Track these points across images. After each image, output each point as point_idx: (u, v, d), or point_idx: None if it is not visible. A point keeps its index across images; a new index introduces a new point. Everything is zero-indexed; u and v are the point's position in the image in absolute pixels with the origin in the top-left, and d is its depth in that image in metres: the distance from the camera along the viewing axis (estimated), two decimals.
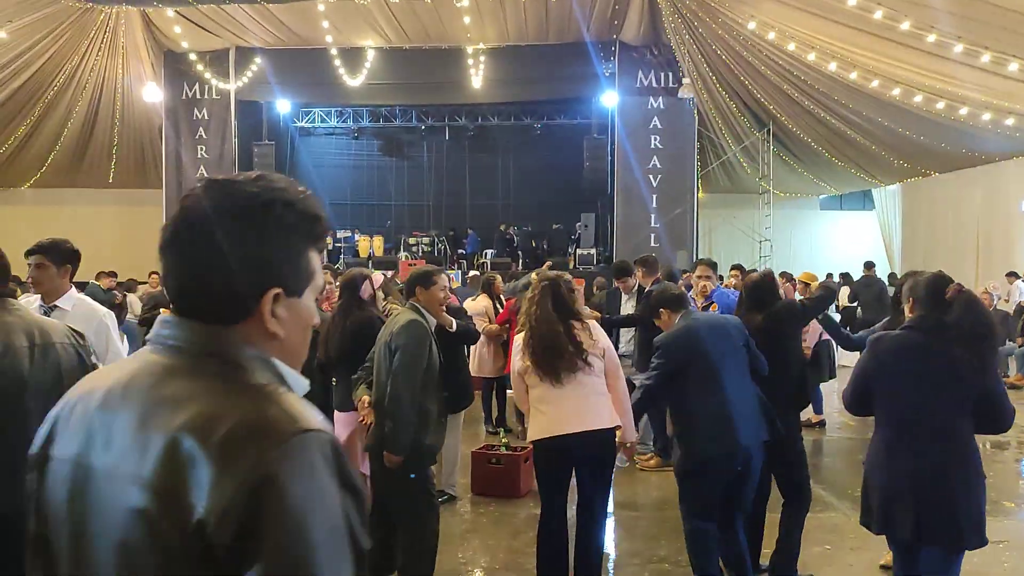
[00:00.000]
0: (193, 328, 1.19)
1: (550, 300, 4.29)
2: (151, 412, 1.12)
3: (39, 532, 1.24)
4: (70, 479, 1.18)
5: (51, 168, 21.30)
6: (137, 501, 1.07)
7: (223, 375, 1.15)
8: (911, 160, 18.04)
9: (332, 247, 20.93)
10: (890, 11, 11.41)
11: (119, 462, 1.12)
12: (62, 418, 1.25)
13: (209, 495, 1.02)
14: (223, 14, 17.18)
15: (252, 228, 1.19)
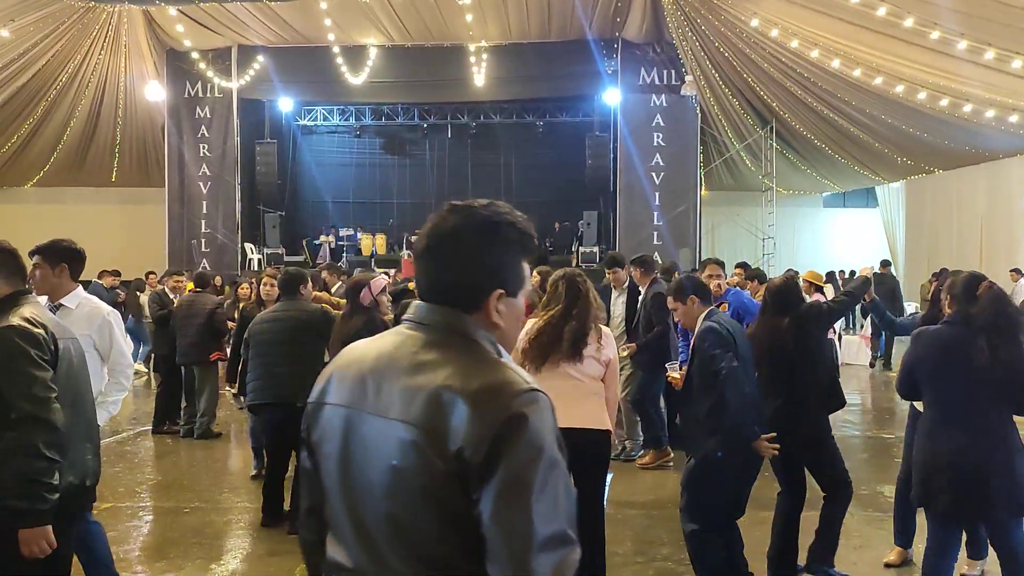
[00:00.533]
0: (442, 312, 1.59)
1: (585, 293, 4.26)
2: (414, 372, 1.53)
3: (311, 463, 1.69)
4: (344, 419, 1.61)
5: (54, 167, 21.32)
6: (407, 436, 1.48)
7: (465, 347, 1.56)
8: (915, 157, 18.00)
9: (335, 245, 20.95)
10: (893, 8, 11.38)
11: (388, 408, 1.53)
12: (336, 377, 1.68)
13: (466, 431, 1.43)
14: (225, 12, 17.17)
15: (486, 242, 1.59)
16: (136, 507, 6.33)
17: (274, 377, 5.57)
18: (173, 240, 19.75)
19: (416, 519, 1.48)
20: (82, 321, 3.95)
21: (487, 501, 1.41)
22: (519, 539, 1.40)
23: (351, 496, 1.57)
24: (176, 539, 5.60)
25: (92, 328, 3.98)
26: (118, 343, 4.08)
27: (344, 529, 1.59)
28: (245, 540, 5.59)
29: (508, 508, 1.40)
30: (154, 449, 8.33)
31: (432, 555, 1.46)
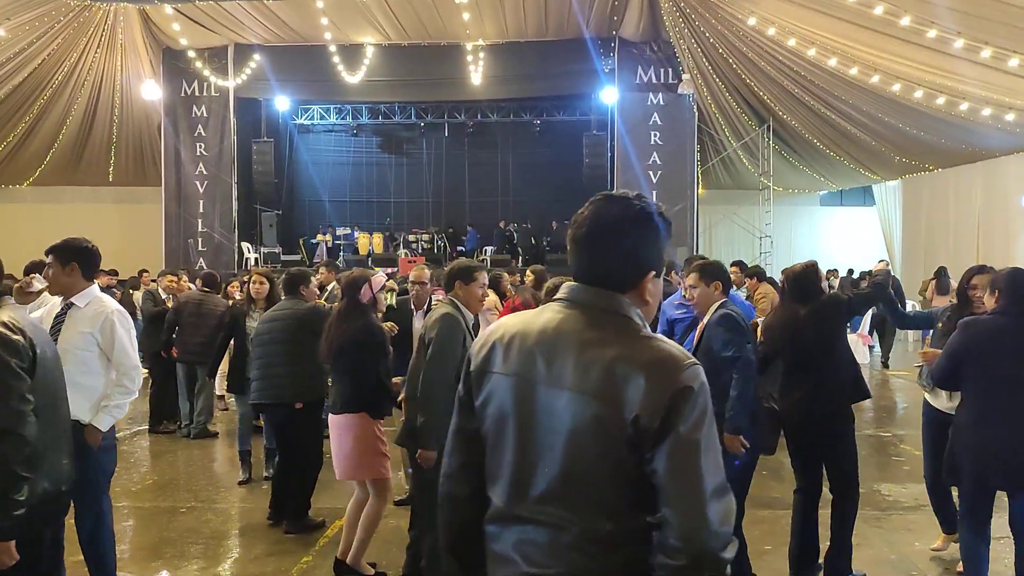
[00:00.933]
0: (599, 293, 1.80)
1: None
2: (584, 347, 1.73)
3: (471, 426, 1.92)
4: (513, 387, 1.81)
5: (50, 166, 21.28)
6: (585, 405, 1.69)
7: (624, 324, 1.77)
8: (911, 156, 18.01)
9: (332, 244, 20.94)
10: (890, 7, 11.38)
11: (560, 378, 1.73)
12: (499, 346, 1.87)
13: (641, 400, 1.63)
14: (221, 11, 17.14)
15: (642, 230, 1.81)
16: (132, 507, 6.32)
17: (273, 377, 5.60)
18: (170, 239, 19.72)
19: (591, 475, 1.69)
20: (87, 319, 3.95)
21: (661, 460, 1.63)
22: (693, 491, 1.63)
23: (526, 455, 1.77)
24: (173, 539, 5.59)
25: (95, 327, 3.94)
26: (121, 343, 3.98)
27: (516, 482, 1.79)
28: (242, 540, 5.58)
29: (682, 465, 1.64)
30: (150, 448, 8.32)
31: (604, 506, 1.69)
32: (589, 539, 1.69)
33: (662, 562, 1.63)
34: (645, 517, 1.67)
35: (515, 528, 1.78)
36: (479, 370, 1.91)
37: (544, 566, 1.73)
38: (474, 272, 4.41)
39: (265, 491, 6.45)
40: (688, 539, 1.61)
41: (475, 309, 4.44)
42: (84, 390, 3.85)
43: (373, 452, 4.73)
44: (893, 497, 6.54)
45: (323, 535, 5.56)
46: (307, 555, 5.21)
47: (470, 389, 1.94)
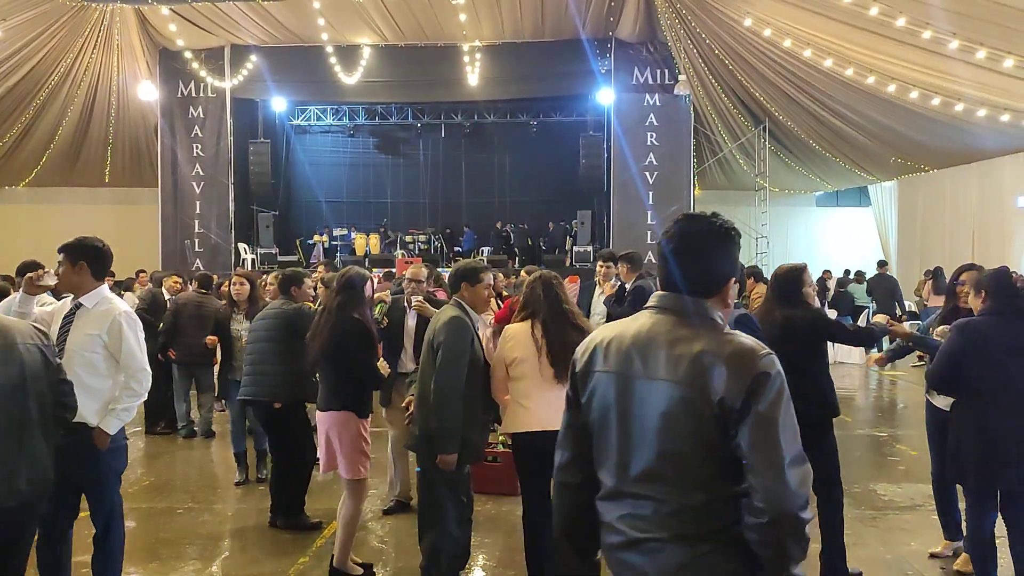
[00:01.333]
0: (687, 299, 2.12)
1: (555, 295, 4.30)
2: (673, 344, 2.06)
3: (579, 421, 2.24)
4: (614, 383, 2.14)
5: (46, 167, 21.24)
6: (677, 392, 2.01)
7: (709, 324, 2.10)
8: (907, 156, 18.05)
9: (328, 245, 20.93)
10: (885, 7, 11.41)
11: (655, 371, 2.06)
12: (599, 349, 2.20)
13: (726, 386, 1.95)
14: (218, 12, 17.13)
15: (727, 244, 2.16)
16: (129, 508, 6.31)
17: (258, 375, 5.69)
18: (167, 240, 19.70)
19: (684, 453, 2.00)
20: (94, 321, 3.93)
21: (744, 435, 1.94)
22: (773, 460, 1.92)
23: (628, 439, 2.10)
24: (169, 540, 5.59)
25: (103, 328, 3.91)
26: (129, 346, 3.93)
27: (620, 463, 2.11)
28: (238, 541, 5.59)
29: (763, 438, 1.93)
30: (146, 450, 8.31)
31: (697, 477, 2.00)
32: (685, 508, 2.01)
33: (750, 522, 1.94)
34: (732, 487, 1.98)
35: (622, 503, 2.11)
36: (583, 371, 2.24)
37: (648, 532, 2.05)
38: (480, 273, 4.44)
39: (262, 492, 6.46)
40: (770, 501, 1.91)
41: (481, 309, 4.47)
42: (91, 392, 3.82)
43: (355, 450, 4.74)
44: (889, 497, 6.57)
45: (320, 536, 5.57)
46: (304, 556, 5.22)
47: (576, 388, 2.26)
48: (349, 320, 4.73)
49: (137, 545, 5.50)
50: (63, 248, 3.99)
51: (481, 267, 4.53)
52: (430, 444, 4.21)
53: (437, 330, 4.26)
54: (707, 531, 1.99)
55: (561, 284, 4.43)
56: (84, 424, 3.78)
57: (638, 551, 2.06)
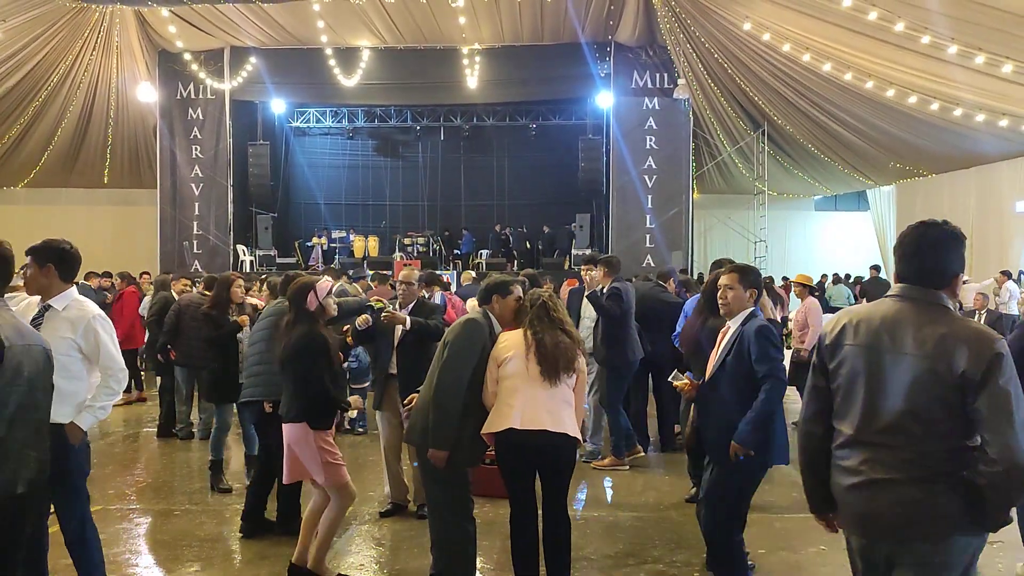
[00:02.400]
0: (924, 290, 2.67)
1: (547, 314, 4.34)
2: (919, 326, 2.61)
3: (823, 384, 2.83)
4: (863, 355, 2.70)
5: (45, 168, 21.23)
6: (925, 364, 2.55)
7: (943, 311, 2.64)
8: (906, 161, 18.07)
9: (327, 247, 20.93)
10: (884, 12, 11.42)
11: (903, 347, 2.61)
12: (849, 327, 2.77)
13: (967, 361, 2.49)
14: (217, 14, 17.14)
15: (956, 245, 2.72)
16: (126, 509, 6.30)
17: (254, 376, 5.71)
18: (165, 242, 19.70)
19: (927, 411, 2.55)
20: (67, 324, 3.90)
21: (983, 402, 2.47)
22: (1007, 423, 2.44)
23: (873, 399, 2.65)
24: (167, 541, 5.58)
25: (77, 332, 3.90)
26: (106, 346, 3.96)
27: (864, 417, 2.66)
28: (235, 543, 5.57)
29: (999, 405, 2.46)
30: (144, 451, 8.30)
31: (936, 431, 2.54)
32: (922, 454, 2.55)
33: (983, 469, 2.46)
34: (963, 440, 2.54)
35: (863, 450, 2.66)
36: (833, 344, 2.81)
37: (887, 474, 2.60)
38: (511, 286, 4.48)
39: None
40: (1003, 455, 2.43)
41: (507, 324, 4.46)
42: (66, 395, 3.78)
43: (319, 461, 4.64)
44: None
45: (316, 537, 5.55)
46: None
47: (823, 358, 2.84)
48: (298, 333, 4.67)
49: (134, 547, 5.49)
50: (30, 251, 3.93)
51: (512, 280, 4.56)
52: (424, 439, 4.23)
53: (451, 329, 4.31)
54: (938, 474, 2.53)
55: (552, 299, 4.45)
56: (55, 424, 3.69)
57: (876, 489, 2.61)
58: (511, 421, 4.16)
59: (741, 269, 4.44)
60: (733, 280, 4.35)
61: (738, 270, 4.41)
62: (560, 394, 4.24)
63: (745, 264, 4.60)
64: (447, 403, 4.16)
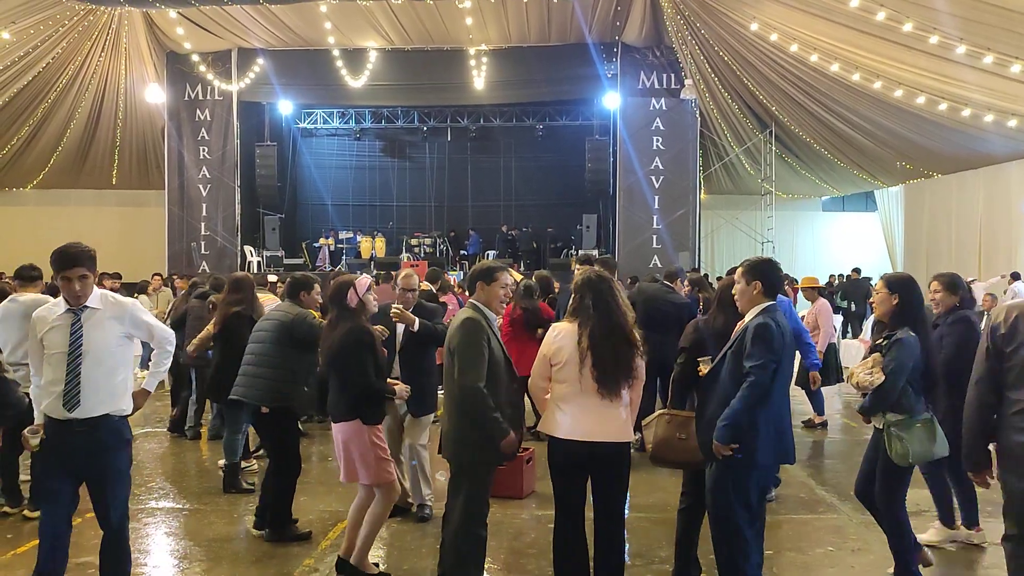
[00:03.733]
0: None
1: (606, 304, 4.12)
2: None
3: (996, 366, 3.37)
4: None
5: (54, 169, 21.33)
6: None
7: None
8: (914, 161, 18.02)
9: (334, 248, 20.97)
10: (893, 12, 11.40)
11: None
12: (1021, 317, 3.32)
13: None
14: (225, 15, 17.20)
15: None
16: (135, 508, 6.33)
17: (250, 376, 5.62)
18: (173, 243, 19.76)
19: None
20: (113, 322, 4.06)
21: None
22: None
23: None
24: (175, 541, 5.60)
25: (124, 323, 4.10)
26: (150, 324, 4.27)
27: None
28: (244, 543, 5.59)
29: None
30: (152, 450, 8.33)
31: None
32: None
33: None
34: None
35: None
36: (1008, 332, 3.33)
37: None
38: (495, 272, 4.38)
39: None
40: None
41: (497, 309, 4.38)
42: (122, 386, 4.09)
43: (372, 458, 4.68)
44: None
45: (325, 538, 5.57)
46: (309, 558, 5.22)
47: (997, 343, 3.35)
48: (343, 329, 4.70)
49: (142, 546, 5.51)
50: (86, 259, 4.00)
51: (496, 267, 4.45)
52: (460, 449, 4.19)
53: (451, 335, 4.24)
54: None
55: (612, 285, 4.24)
56: (108, 416, 3.97)
57: None
58: (564, 431, 4.07)
59: (747, 263, 4.34)
60: (739, 274, 4.29)
61: (744, 264, 4.33)
62: (617, 400, 4.11)
63: (755, 259, 4.48)
64: (480, 407, 4.08)
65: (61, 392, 3.89)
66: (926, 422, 4.41)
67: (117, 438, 4.03)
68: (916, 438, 4.38)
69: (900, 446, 4.38)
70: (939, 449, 4.43)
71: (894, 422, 4.40)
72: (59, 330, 3.98)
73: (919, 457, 4.41)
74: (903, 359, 4.36)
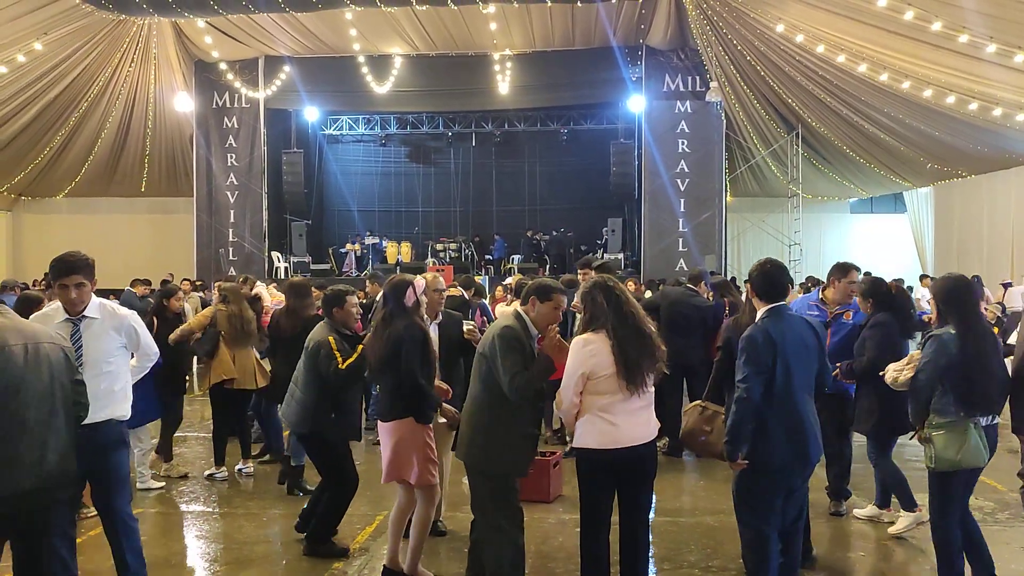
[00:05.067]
0: None
1: (626, 300, 4.11)
2: None
3: None
4: None
5: (85, 177, 21.65)
6: None
7: None
8: (943, 162, 17.80)
9: (360, 253, 21.08)
10: (921, 12, 11.27)
11: None
12: None
13: None
14: (252, 23, 17.39)
15: None
16: (164, 512, 6.39)
17: (288, 395, 5.48)
18: (201, 249, 19.98)
19: None
20: (111, 330, 4.19)
21: None
22: None
23: None
24: (205, 544, 5.65)
25: (120, 333, 4.26)
26: (146, 340, 4.47)
27: None
28: (273, 546, 5.63)
29: None
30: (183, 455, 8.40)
31: None
32: None
33: None
34: None
35: None
36: None
37: None
38: (552, 292, 4.27)
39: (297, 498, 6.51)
40: None
41: (543, 329, 4.28)
42: (121, 392, 4.24)
43: (421, 458, 4.64)
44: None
45: (354, 540, 5.59)
46: (338, 561, 5.24)
47: None
48: (398, 327, 4.67)
49: (173, 549, 5.56)
50: (84, 267, 4.06)
51: (556, 287, 4.34)
52: (477, 453, 4.18)
53: (488, 343, 4.16)
54: None
55: (617, 283, 4.23)
56: (109, 420, 4.12)
57: None
58: (619, 439, 4.02)
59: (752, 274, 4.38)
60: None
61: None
62: (647, 398, 4.12)
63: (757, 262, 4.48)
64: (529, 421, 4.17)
65: None
66: (951, 426, 4.25)
67: (116, 440, 4.20)
68: (941, 442, 4.24)
69: (927, 448, 4.32)
70: (967, 458, 4.19)
71: (931, 424, 4.33)
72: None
73: (943, 464, 4.24)
74: (935, 357, 4.29)
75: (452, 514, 5.84)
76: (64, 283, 4.03)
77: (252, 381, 7.25)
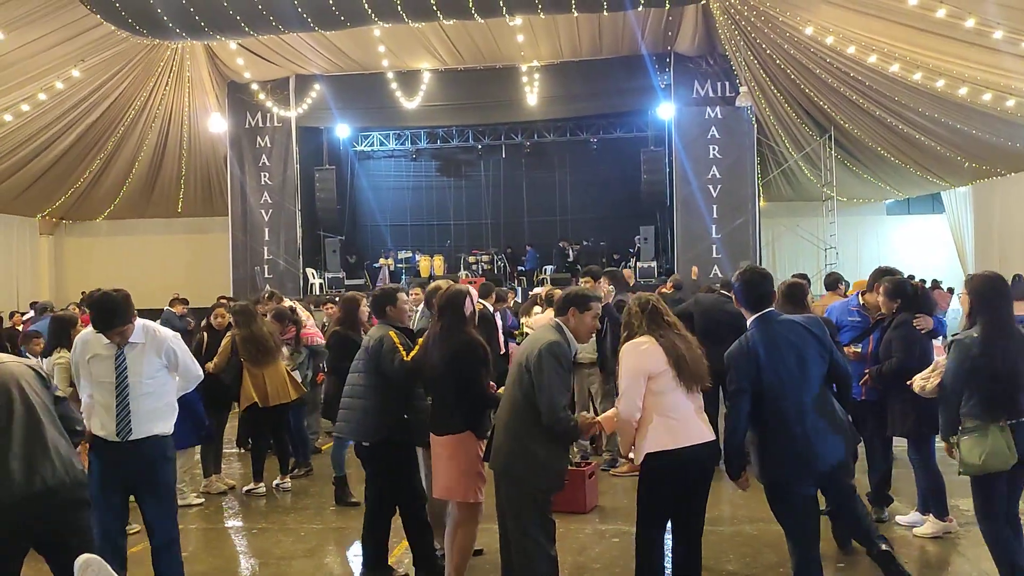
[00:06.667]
0: None
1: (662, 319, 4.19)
2: None
3: None
4: None
5: (124, 200, 22.04)
6: None
7: None
8: (981, 160, 17.49)
9: (394, 268, 21.20)
10: (953, 9, 11.11)
11: None
12: None
13: None
14: (283, 43, 17.62)
15: None
16: (203, 528, 6.46)
17: (347, 410, 5.25)
18: (237, 267, 20.22)
19: None
20: (153, 354, 4.38)
21: None
22: None
23: None
24: (242, 560, 5.69)
25: (160, 356, 4.44)
26: (185, 362, 4.60)
27: None
28: (310, 561, 5.65)
29: None
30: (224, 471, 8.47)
31: None
32: None
33: None
34: None
35: None
36: None
37: None
38: (590, 302, 4.27)
39: (334, 512, 6.55)
40: None
41: (583, 339, 4.30)
42: (167, 409, 4.48)
43: (474, 473, 4.56)
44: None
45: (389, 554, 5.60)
46: None
47: None
48: (458, 339, 4.58)
49: (212, 564, 5.61)
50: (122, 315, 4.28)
51: (593, 296, 4.36)
52: (516, 464, 4.15)
53: (533, 356, 4.09)
54: None
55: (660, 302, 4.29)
56: (154, 436, 4.32)
57: None
58: (688, 437, 4.01)
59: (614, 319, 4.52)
60: None
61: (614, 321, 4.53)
62: (699, 401, 4.14)
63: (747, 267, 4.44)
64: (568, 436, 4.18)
65: (113, 419, 4.23)
66: (975, 431, 4.15)
67: (161, 454, 4.36)
68: (965, 447, 4.16)
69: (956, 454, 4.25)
70: (990, 462, 4.07)
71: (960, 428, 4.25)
72: (104, 362, 4.33)
73: (970, 469, 4.16)
74: (958, 361, 4.22)
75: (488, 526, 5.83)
76: (106, 333, 4.29)
77: (286, 394, 7.33)
